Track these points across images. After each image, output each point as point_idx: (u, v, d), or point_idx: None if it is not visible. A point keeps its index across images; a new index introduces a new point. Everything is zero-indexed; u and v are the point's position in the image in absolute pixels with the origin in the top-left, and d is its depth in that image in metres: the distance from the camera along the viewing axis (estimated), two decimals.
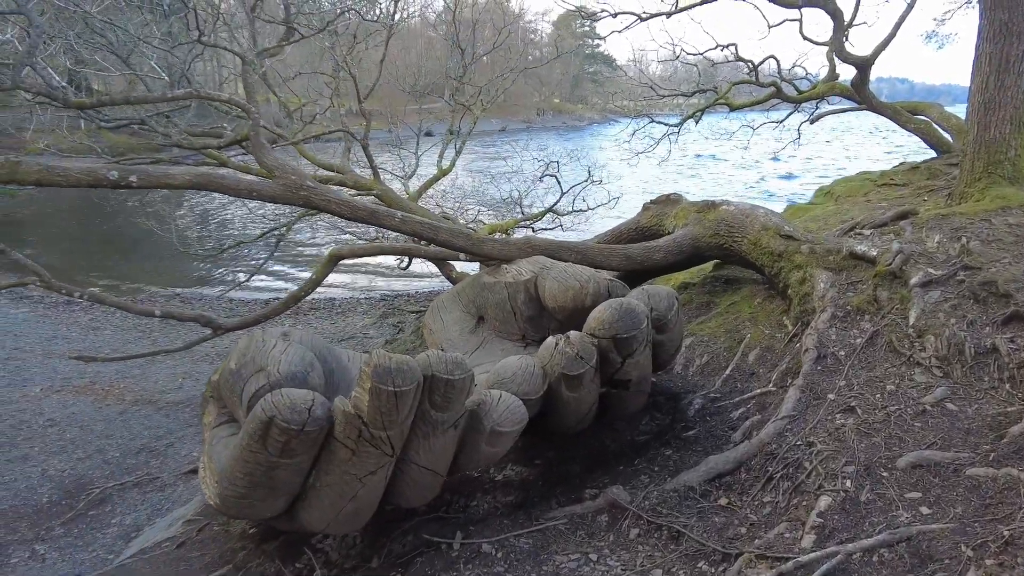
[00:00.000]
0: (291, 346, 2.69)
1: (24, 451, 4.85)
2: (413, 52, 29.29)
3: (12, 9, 3.35)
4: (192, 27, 4.89)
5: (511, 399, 2.40)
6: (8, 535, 3.87)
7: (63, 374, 6.43)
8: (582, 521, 2.63)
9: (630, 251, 4.17)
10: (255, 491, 2.30)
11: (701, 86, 11.18)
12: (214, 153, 6.11)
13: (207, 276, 11.39)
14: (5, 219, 16.26)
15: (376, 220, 3.67)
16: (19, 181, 2.72)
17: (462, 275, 6.73)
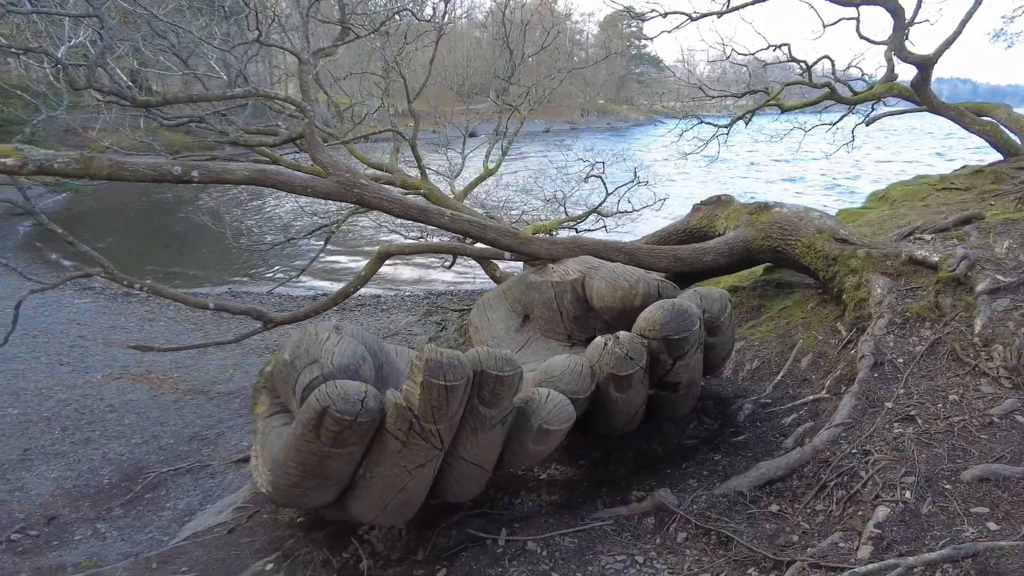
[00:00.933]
0: (343, 339, 2.74)
1: (87, 434, 5.07)
2: (459, 52, 29.50)
3: (87, 13, 3.51)
4: (251, 28, 5.02)
5: (559, 397, 2.40)
6: (72, 513, 4.04)
7: (122, 362, 6.69)
8: (628, 523, 2.61)
9: (679, 252, 4.11)
10: (307, 480, 2.35)
11: (751, 87, 10.96)
12: (266, 151, 6.26)
13: (257, 272, 11.69)
14: (69, 214, 17.00)
15: (426, 218, 3.71)
16: (92, 175, 2.84)
17: (505, 274, 6.75)
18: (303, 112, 3.68)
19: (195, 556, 3.18)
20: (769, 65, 11.52)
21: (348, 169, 3.56)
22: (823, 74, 10.23)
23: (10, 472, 4.49)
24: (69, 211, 17.24)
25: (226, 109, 5.41)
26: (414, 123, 6.74)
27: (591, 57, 43.16)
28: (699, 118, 11.14)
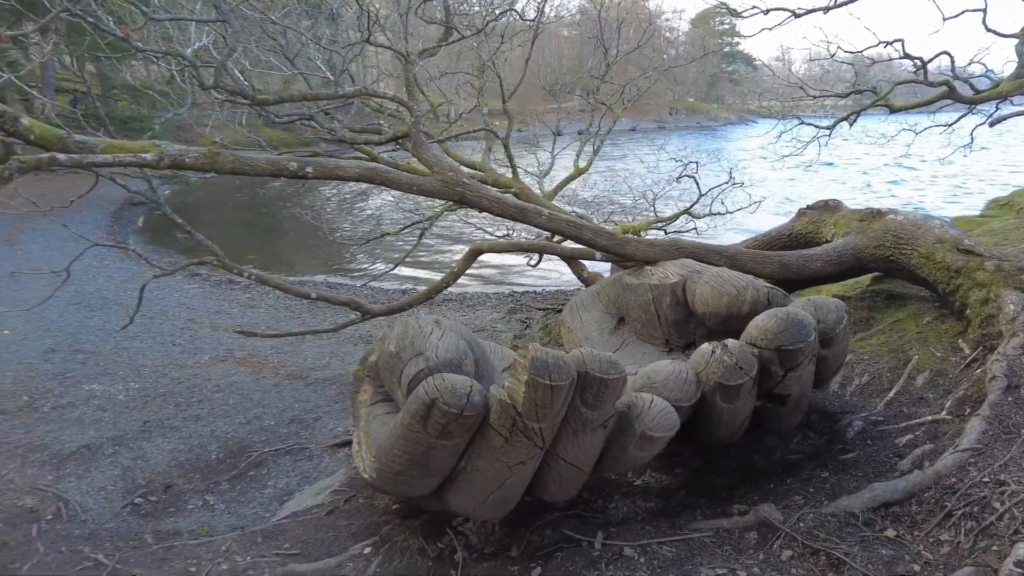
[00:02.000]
0: (446, 334, 2.80)
1: (197, 412, 5.42)
2: (548, 50, 29.53)
3: (216, 18, 3.75)
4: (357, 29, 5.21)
5: (663, 404, 2.35)
6: (185, 484, 4.34)
7: (226, 345, 7.12)
8: (729, 536, 2.53)
9: (785, 258, 3.95)
10: (412, 469, 2.41)
11: (857, 86, 10.37)
12: (366, 149, 6.48)
13: (350, 265, 12.15)
14: (181, 205, 18.24)
15: (524, 217, 3.74)
16: (217, 170, 3.04)
17: (594, 275, 6.71)
18: (410, 111, 3.79)
19: (296, 534, 3.34)
20: (877, 63, 10.88)
21: (451, 168, 3.63)
22: (940, 71, 9.55)
23: (133, 442, 4.86)
24: (181, 201, 18.50)
25: (332, 108, 5.64)
26: (508, 122, 6.79)
27: (681, 55, 42.20)
28: (799, 118, 10.66)
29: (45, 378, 6.03)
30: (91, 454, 4.71)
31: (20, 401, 5.54)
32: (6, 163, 2.47)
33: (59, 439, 4.90)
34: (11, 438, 4.90)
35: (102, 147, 2.91)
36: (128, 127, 15.70)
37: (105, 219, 14.62)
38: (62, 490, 4.22)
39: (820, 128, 10.12)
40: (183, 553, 3.21)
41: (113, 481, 4.38)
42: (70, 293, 7.83)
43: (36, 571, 3.17)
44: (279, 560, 3.01)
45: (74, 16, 3.36)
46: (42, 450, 4.77)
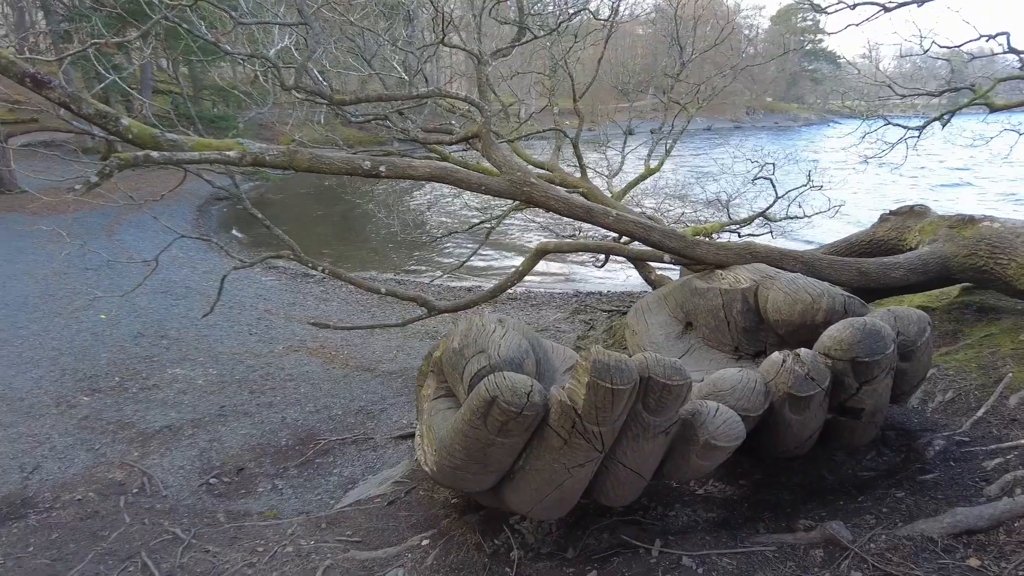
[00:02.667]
0: (508, 332, 2.81)
1: (270, 399, 5.66)
2: (620, 49, 29.18)
3: (299, 21, 3.91)
4: (431, 31, 5.30)
5: (729, 413, 2.29)
6: (257, 468, 4.54)
7: (300, 336, 7.40)
8: (793, 552, 2.44)
9: (864, 266, 3.76)
10: (470, 464, 2.44)
11: (952, 84, 9.74)
12: (438, 149, 6.60)
13: (418, 262, 12.40)
14: (259, 200, 19.08)
15: (591, 218, 3.71)
16: (295, 167, 3.17)
17: (661, 277, 6.59)
18: (481, 112, 3.83)
19: (358, 522, 3.44)
20: (977, 59, 10.18)
21: (519, 168, 3.65)
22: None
23: (210, 425, 5.13)
24: (257, 200, 19.38)
25: (406, 108, 5.77)
26: (579, 122, 6.76)
27: (760, 53, 40.84)
28: (885, 119, 10.11)
29: (134, 361, 6.44)
30: (172, 434, 5.01)
31: (113, 381, 5.95)
32: (108, 160, 2.65)
33: (145, 419, 5.23)
34: (104, 415, 5.27)
35: (190, 145, 3.08)
36: (215, 125, 16.55)
37: (191, 213, 15.48)
38: (147, 466, 4.50)
39: (908, 128, 9.57)
40: (252, 533, 3.37)
41: (191, 461, 4.64)
42: (158, 281, 8.32)
43: (122, 540, 3.40)
44: (341, 546, 3.11)
45: (171, 22, 3.57)
46: (130, 428, 5.10)
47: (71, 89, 2.81)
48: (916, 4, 8.70)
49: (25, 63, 2.72)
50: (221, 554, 3.15)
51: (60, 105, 2.82)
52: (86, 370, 6.16)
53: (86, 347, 6.73)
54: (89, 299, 7.90)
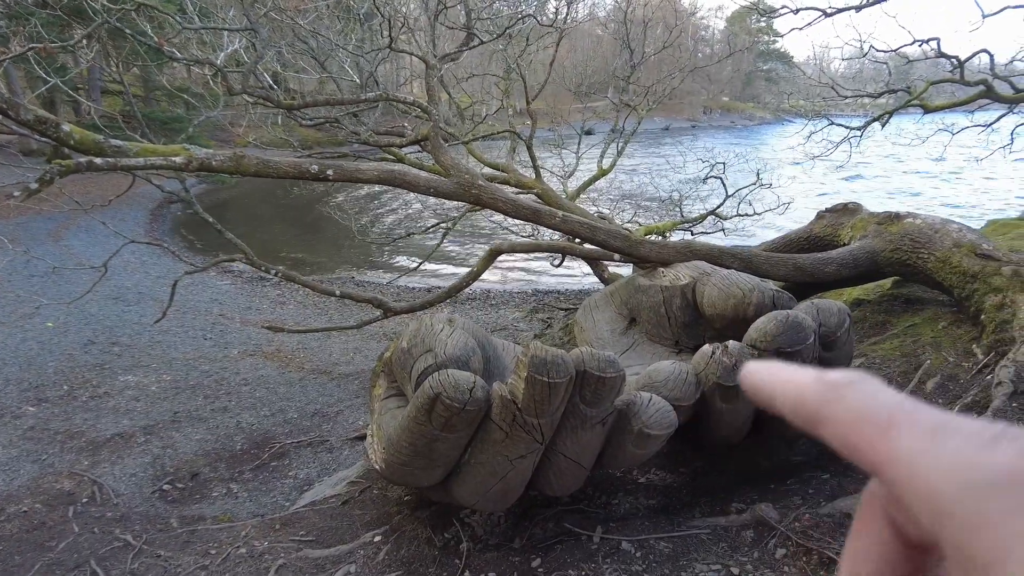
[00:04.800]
0: (456, 331, 2.89)
1: (224, 403, 5.62)
2: (579, 51, 29.48)
3: (245, 27, 3.91)
4: (382, 34, 5.34)
5: (662, 403, 2.41)
6: (211, 473, 4.52)
7: (255, 340, 7.34)
8: (726, 533, 2.57)
9: (799, 261, 3.95)
10: (416, 460, 2.51)
11: (891, 85, 10.18)
12: (393, 151, 6.62)
13: (376, 263, 12.37)
14: (213, 202, 18.75)
15: (538, 219, 3.81)
16: (242, 172, 3.18)
17: (614, 275, 6.74)
18: (428, 115, 3.89)
19: (313, 522, 3.48)
20: (914, 62, 10.66)
21: (467, 171, 3.72)
22: (979, 70, 9.31)
23: (163, 431, 5.08)
24: (213, 200, 19.02)
25: (358, 110, 5.79)
26: (531, 124, 6.87)
27: (716, 53, 41.72)
28: (829, 119, 10.50)
29: (84, 369, 6.31)
30: (124, 442, 4.95)
31: (61, 390, 5.83)
32: (50, 165, 2.64)
33: (95, 427, 5.15)
34: (51, 425, 5.16)
35: (135, 151, 3.08)
36: (168, 127, 16.20)
37: (144, 216, 15.13)
38: (97, 475, 4.44)
39: (850, 129, 9.96)
40: (205, 537, 3.37)
41: (144, 468, 4.60)
42: (109, 288, 8.16)
43: (70, 549, 3.37)
44: (294, 546, 3.15)
45: (115, 25, 3.54)
46: (79, 437, 5.02)
47: (7, 95, 2.79)
48: (855, 10, 9.07)
49: None
50: (173, 558, 3.15)
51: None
52: (32, 380, 6.01)
53: (32, 356, 6.56)
54: (34, 307, 7.70)
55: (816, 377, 0.25)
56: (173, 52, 3.89)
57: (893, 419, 0.22)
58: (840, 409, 0.24)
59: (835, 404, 0.24)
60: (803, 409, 0.25)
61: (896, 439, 0.21)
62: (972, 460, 0.20)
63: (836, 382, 0.24)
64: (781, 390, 0.26)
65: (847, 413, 0.23)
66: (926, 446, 0.21)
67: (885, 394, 0.23)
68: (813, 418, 0.25)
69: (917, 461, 0.20)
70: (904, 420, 0.22)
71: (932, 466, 0.20)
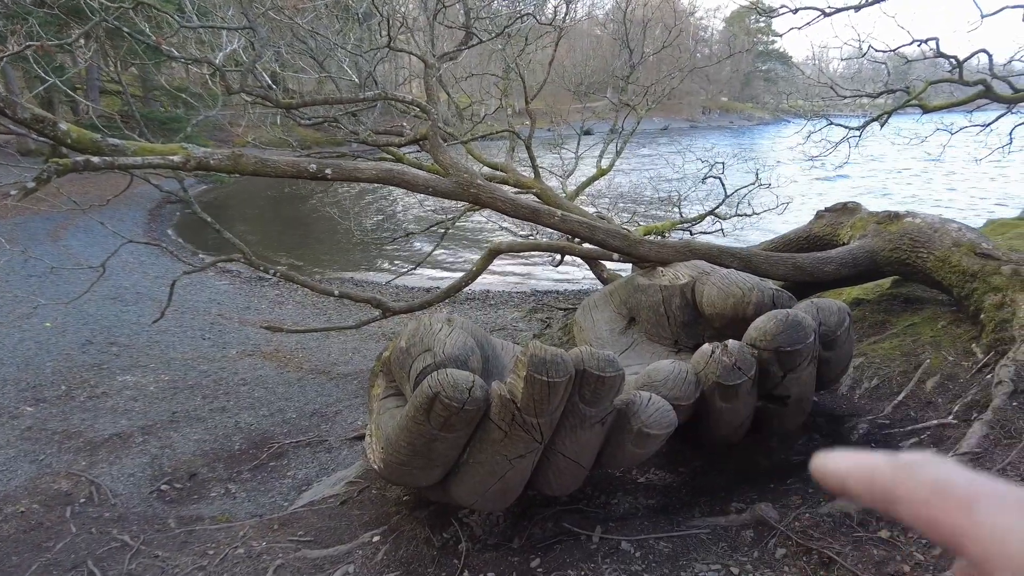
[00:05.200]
0: (455, 331, 2.88)
1: (223, 403, 5.61)
2: (578, 50, 29.47)
3: (244, 26, 3.90)
4: (382, 34, 5.33)
5: (661, 403, 2.40)
6: (209, 472, 4.51)
7: (254, 340, 7.33)
8: (725, 533, 2.57)
9: (799, 261, 3.94)
10: (415, 460, 2.50)
11: (890, 85, 10.18)
12: (392, 150, 6.61)
13: (376, 262, 12.35)
14: (212, 201, 18.73)
15: (537, 218, 3.80)
16: (240, 171, 3.17)
17: (613, 275, 6.74)
18: (427, 115, 3.89)
19: (311, 522, 3.46)
20: (913, 62, 10.66)
21: (466, 170, 3.72)
22: (978, 70, 9.32)
23: (161, 431, 5.07)
24: (213, 199, 18.99)
25: (357, 110, 5.78)
26: (531, 123, 6.87)
27: (715, 54, 41.74)
28: (827, 119, 10.50)
29: (82, 369, 6.30)
30: (122, 442, 4.93)
31: (59, 390, 5.81)
32: (47, 164, 2.63)
33: (93, 427, 5.13)
34: (49, 425, 5.15)
35: (133, 150, 3.07)
36: (167, 127, 16.17)
37: (142, 216, 15.10)
38: (94, 475, 4.43)
39: (849, 129, 9.96)
40: (203, 537, 3.36)
41: (142, 468, 4.58)
42: (108, 288, 8.15)
43: (68, 550, 3.36)
44: (292, 546, 3.14)
45: (113, 25, 3.53)
46: (77, 437, 5.00)
47: (4, 94, 2.78)
48: (854, 10, 9.07)
49: None
50: (170, 559, 3.14)
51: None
52: (29, 380, 6.00)
53: (29, 356, 6.55)
54: (32, 307, 7.68)
55: (889, 458, 0.26)
56: (171, 51, 3.88)
57: (974, 494, 0.23)
58: (916, 486, 0.24)
59: (910, 482, 0.24)
60: (877, 488, 0.26)
61: (980, 514, 0.22)
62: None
63: (910, 461, 0.25)
64: (854, 473, 0.27)
65: (923, 490, 0.24)
66: (1011, 521, 0.21)
67: (960, 472, 0.24)
68: (888, 497, 0.25)
69: (1007, 536, 0.21)
70: (985, 495, 0.23)
71: (1018, 541, 0.21)
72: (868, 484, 0.26)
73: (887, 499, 0.25)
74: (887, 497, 0.25)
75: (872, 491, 0.26)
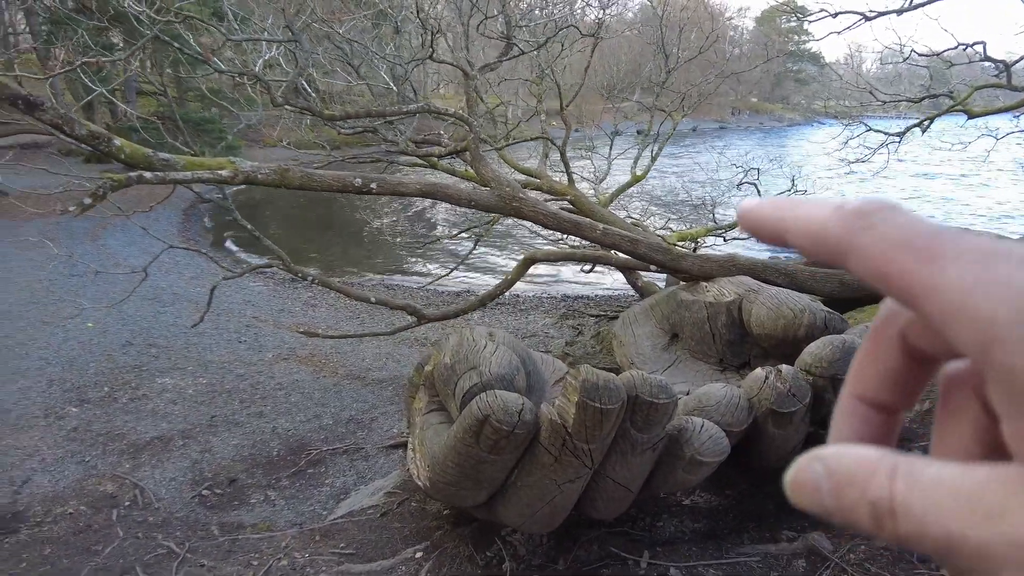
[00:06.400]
0: (499, 348, 2.87)
1: (260, 408, 5.67)
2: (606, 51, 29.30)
3: (289, 38, 3.95)
4: (414, 42, 5.35)
5: (714, 429, 2.36)
6: (249, 479, 4.57)
7: (289, 344, 7.40)
8: (776, 562, 2.52)
9: (846, 277, 3.86)
10: (463, 481, 2.50)
11: (931, 90, 9.94)
12: (432, 159, 6.64)
13: (406, 265, 12.42)
14: (246, 202, 18.97)
15: (579, 231, 3.78)
16: (287, 185, 3.21)
17: (649, 284, 6.68)
18: (469, 127, 3.89)
19: (352, 534, 3.49)
20: (961, 65, 10.38)
21: (508, 183, 3.71)
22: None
23: (201, 435, 5.14)
24: (245, 200, 19.25)
25: (396, 119, 5.81)
26: (565, 130, 6.84)
27: (745, 54, 41.22)
28: (866, 124, 10.27)
29: (123, 370, 6.42)
30: (163, 445, 5.02)
31: (102, 391, 5.93)
32: (101, 183, 2.68)
33: (135, 430, 5.23)
34: (93, 427, 5.26)
35: (182, 164, 3.11)
36: (201, 128, 16.45)
37: (177, 217, 15.36)
38: (138, 478, 4.51)
39: (889, 135, 9.73)
40: (246, 547, 3.40)
41: (183, 472, 4.66)
42: (145, 288, 8.25)
43: (116, 555, 3.42)
44: (335, 559, 3.16)
45: (163, 40, 3.59)
46: (120, 439, 5.10)
47: (63, 111, 2.84)
48: (896, 13, 8.87)
49: (16, 85, 2.73)
50: (217, 568, 3.18)
51: (52, 127, 2.84)
52: (74, 380, 6.13)
53: (73, 357, 6.70)
54: (77, 309, 7.86)
55: (837, 206, 0.24)
56: (218, 64, 3.94)
57: (937, 247, 0.21)
58: (872, 238, 0.22)
59: (866, 233, 0.22)
60: (826, 240, 0.24)
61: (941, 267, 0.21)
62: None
63: (863, 210, 0.23)
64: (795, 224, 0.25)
65: (881, 242, 0.22)
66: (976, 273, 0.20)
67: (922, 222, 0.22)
68: (838, 249, 0.23)
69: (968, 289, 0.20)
70: (950, 248, 0.21)
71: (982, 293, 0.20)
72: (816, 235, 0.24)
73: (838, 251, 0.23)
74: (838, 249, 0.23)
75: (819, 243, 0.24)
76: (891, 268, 0.22)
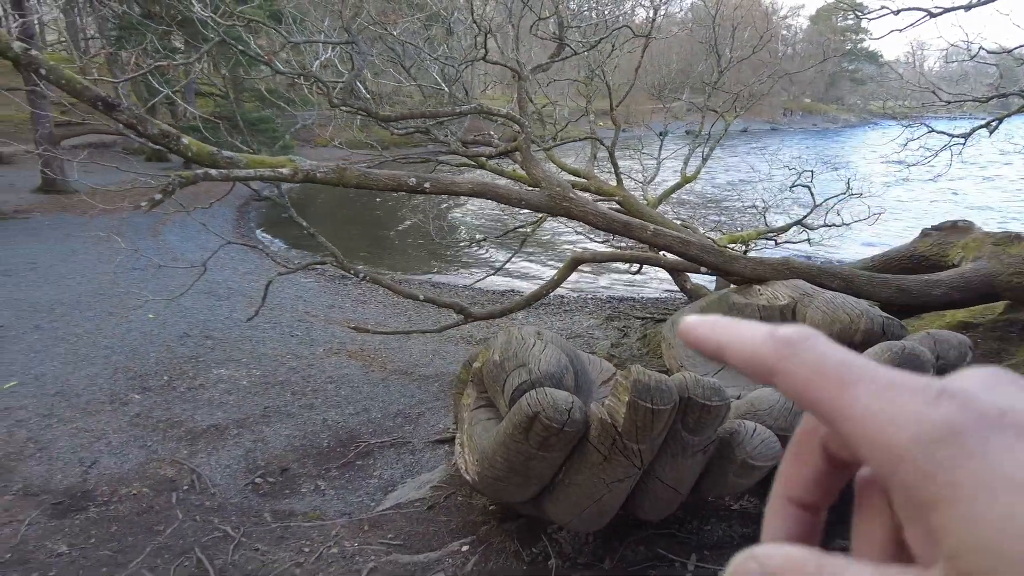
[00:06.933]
0: (548, 347, 2.90)
1: (311, 401, 5.83)
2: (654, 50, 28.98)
3: (345, 40, 4.06)
4: (464, 42, 5.41)
5: (767, 434, 2.33)
6: (300, 468, 4.70)
7: (339, 339, 7.57)
8: None
9: (905, 283, 3.74)
10: (512, 477, 2.53)
11: (1001, 88, 9.50)
12: (480, 159, 6.71)
13: (451, 265, 12.55)
14: (297, 200, 19.44)
15: (629, 232, 3.77)
16: (345, 184, 3.30)
17: (697, 287, 6.60)
18: (522, 128, 3.92)
19: (400, 525, 3.56)
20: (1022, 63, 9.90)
21: (558, 183, 3.73)
22: None
23: (255, 425, 5.32)
24: (297, 197, 19.73)
25: (447, 120, 5.90)
26: (615, 130, 6.81)
27: (799, 53, 40.19)
28: (927, 125, 9.88)
29: (181, 361, 6.68)
30: (219, 433, 5.20)
31: (161, 380, 6.19)
32: (170, 179, 2.82)
33: (192, 417, 5.44)
34: (154, 413, 5.49)
35: (245, 162, 3.24)
36: (256, 128, 16.96)
37: (231, 213, 15.88)
38: (195, 464, 4.69)
39: (953, 137, 9.34)
40: (298, 534, 3.51)
41: (237, 460, 4.82)
42: (201, 282, 8.56)
43: (176, 535, 3.58)
44: (383, 549, 3.23)
45: (228, 43, 3.73)
46: (178, 426, 5.31)
47: (138, 111, 2.98)
48: (964, 9, 8.52)
49: (96, 88, 2.89)
50: (270, 553, 3.29)
51: (126, 126, 2.99)
52: (137, 368, 6.41)
53: (136, 346, 7.00)
54: (141, 300, 8.21)
55: (769, 332, 0.27)
56: (279, 67, 4.08)
57: (848, 376, 0.25)
58: (795, 364, 0.26)
59: (790, 360, 0.26)
60: (756, 363, 0.27)
61: (852, 396, 0.24)
62: (919, 415, 0.23)
63: (790, 339, 0.26)
64: (730, 344, 0.28)
65: (802, 368, 0.26)
66: (881, 403, 0.24)
67: (838, 352, 0.26)
68: (767, 371, 0.27)
69: (873, 416, 0.23)
70: (859, 377, 0.25)
71: (886, 421, 0.23)
72: (750, 357, 0.27)
73: (766, 373, 0.27)
74: (767, 371, 0.27)
75: (751, 364, 0.27)
76: (810, 393, 0.26)
